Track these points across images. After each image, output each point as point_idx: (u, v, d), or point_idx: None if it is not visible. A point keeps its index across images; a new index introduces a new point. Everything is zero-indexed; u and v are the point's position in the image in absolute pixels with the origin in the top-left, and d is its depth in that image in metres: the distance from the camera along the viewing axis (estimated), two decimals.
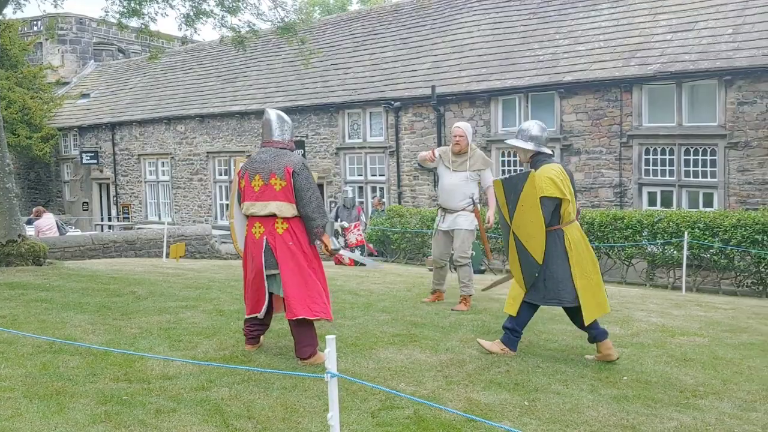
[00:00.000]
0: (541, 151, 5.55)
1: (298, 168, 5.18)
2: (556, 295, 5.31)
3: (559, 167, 5.45)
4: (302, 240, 5.27)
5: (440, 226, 7.51)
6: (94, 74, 32.94)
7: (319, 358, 5.21)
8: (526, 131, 5.62)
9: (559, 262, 5.29)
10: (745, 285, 12.63)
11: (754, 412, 4.45)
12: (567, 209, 5.33)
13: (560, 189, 5.26)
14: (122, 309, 7.02)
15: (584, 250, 5.38)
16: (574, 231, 5.39)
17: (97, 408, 4.22)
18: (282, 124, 5.43)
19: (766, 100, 13.75)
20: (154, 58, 14.63)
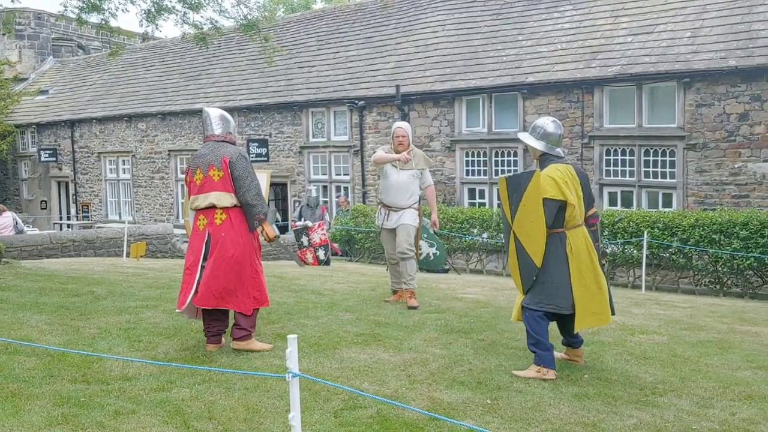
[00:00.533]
0: (550, 152, 5.29)
1: (234, 158, 5.40)
2: (552, 300, 5.07)
3: (566, 168, 5.21)
4: (239, 230, 5.41)
5: (386, 225, 7.59)
6: (52, 70, 32.35)
7: (251, 344, 5.50)
8: (539, 128, 5.34)
9: (558, 267, 5.08)
10: (703, 284, 12.86)
11: (711, 409, 4.52)
12: (572, 213, 5.10)
13: (562, 191, 5.04)
14: (81, 309, 6.90)
15: (586, 257, 5.13)
16: (578, 236, 5.16)
17: (54, 410, 4.14)
18: (221, 120, 5.65)
19: (723, 102, 14.02)
20: (114, 55, 14.39)
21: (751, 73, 13.59)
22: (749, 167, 13.77)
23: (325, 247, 13.75)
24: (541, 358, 5.08)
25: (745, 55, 13.72)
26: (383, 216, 7.63)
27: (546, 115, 7.16)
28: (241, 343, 5.48)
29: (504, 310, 7.64)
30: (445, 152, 17.88)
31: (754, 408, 4.55)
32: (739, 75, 13.73)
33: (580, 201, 5.20)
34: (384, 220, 7.60)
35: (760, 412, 4.46)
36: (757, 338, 6.62)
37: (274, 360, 5.27)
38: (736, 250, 11.92)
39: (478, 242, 15.51)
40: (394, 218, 7.50)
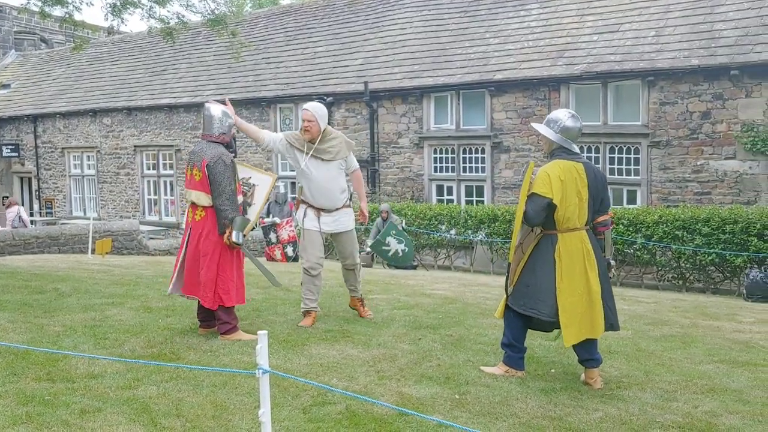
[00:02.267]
0: (563, 145, 4.89)
1: (212, 162, 5.57)
2: (534, 304, 4.80)
3: (569, 165, 4.80)
4: (215, 229, 5.65)
5: (312, 226, 6.29)
6: (14, 64, 31.73)
7: (239, 334, 5.74)
8: (557, 121, 4.92)
9: (545, 270, 4.79)
10: (666, 279, 13.08)
11: (675, 402, 4.61)
12: (564, 215, 4.75)
13: (552, 189, 4.69)
14: (44, 306, 6.80)
15: (579, 264, 4.77)
16: (573, 241, 4.79)
17: (18, 409, 4.08)
18: (210, 120, 5.81)
19: (686, 100, 14.24)
20: (78, 49, 14.17)
21: (713, 72, 13.83)
22: (711, 165, 14.02)
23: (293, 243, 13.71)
24: (511, 360, 5.01)
25: (707, 55, 13.96)
26: (311, 218, 6.30)
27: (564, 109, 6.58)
28: (227, 336, 5.72)
29: (472, 306, 7.70)
30: (413, 149, 17.93)
31: (716, 401, 4.64)
32: (701, 74, 13.96)
33: (581, 203, 4.80)
34: (310, 221, 6.29)
35: (721, 405, 4.56)
36: (719, 332, 6.75)
37: (243, 357, 5.25)
38: (699, 246, 12.14)
39: (446, 239, 15.59)
40: (327, 220, 6.31)
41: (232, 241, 5.59)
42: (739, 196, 13.73)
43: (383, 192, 18.39)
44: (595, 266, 4.81)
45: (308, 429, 3.95)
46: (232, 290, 5.71)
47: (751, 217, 11.88)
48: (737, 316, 7.76)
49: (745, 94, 13.63)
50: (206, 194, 5.62)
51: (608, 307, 4.88)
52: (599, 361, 4.95)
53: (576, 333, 4.77)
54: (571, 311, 4.74)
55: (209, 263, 5.63)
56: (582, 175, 4.81)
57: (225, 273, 5.69)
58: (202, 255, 5.64)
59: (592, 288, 4.77)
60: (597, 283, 4.79)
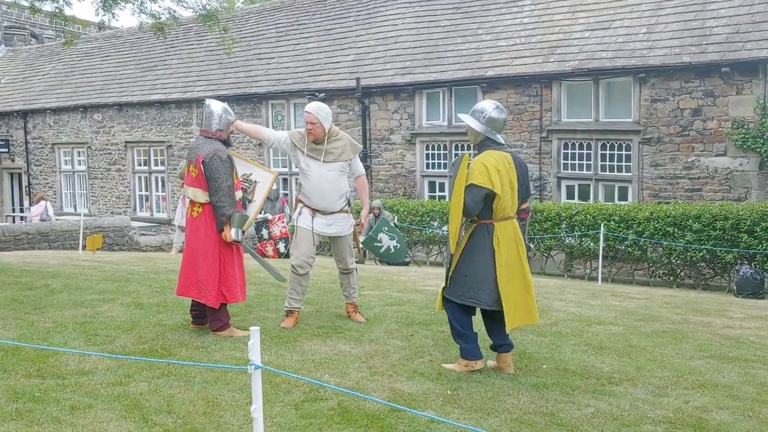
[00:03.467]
0: (492, 137, 4.99)
1: (208, 158, 5.52)
2: (475, 294, 4.85)
3: (501, 156, 4.91)
4: (213, 225, 5.61)
5: (307, 225, 6.11)
6: (4, 59, 31.55)
7: (231, 331, 5.73)
8: (482, 111, 5.02)
9: (484, 259, 4.85)
10: (657, 275, 13.13)
11: (665, 397, 4.62)
12: (501, 204, 4.83)
13: (491, 179, 4.76)
14: (35, 303, 6.77)
15: (514, 251, 4.89)
16: (507, 229, 4.89)
17: (8, 405, 4.06)
18: (210, 116, 5.76)
19: (677, 97, 14.28)
20: (69, 44, 14.09)
21: (704, 69, 13.87)
22: (702, 161, 14.07)
23: (285, 239, 13.69)
24: (467, 351, 5.01)
25: (698, 52, 14.00)
26: (306, 218, 6.14)
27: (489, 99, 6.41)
28: (220, 333, 5.70)
29: None
30: (405, 145, 17.92)
31: (707, 396, 4.66)
32: (692, 71, 14.00)
33: (513, 192, 4.91)
34: (304, 219, 6.15)
35: (712, 400, 4.58)
36: (710, 328, 6.77)
37: (234, 353, 5.24)
38: (689, 243, 12.19)
39: (438, 235, 15.59)
40: (321, 222, 6.13)
41: (227, 238, 5.56)
42: (729, 192, 13.79)
43: (375, 188, 18.38)
44: (525, 253, 4.97)
45: (300, 425, 3.95)
46: (235, 288, 5.68)
47: (742, 213, 11.93)
48: (728, 312, 7.79)
49: (736, 91, 13.67)
50: (203, 191, 5.58)
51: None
52: (512, 345, 5.10)
53: (516, 319, 4.89)
54: (512, 298, 4.85)
55: (210, 261, 5.57)
56: (511, 164, 4.94)
57: (227, 271, 5.65)
58: (202, 252, 5.58)
59: (527, 275, 4.93)
60: (529, 269, 4.97)
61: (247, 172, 6.00)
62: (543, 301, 7.88)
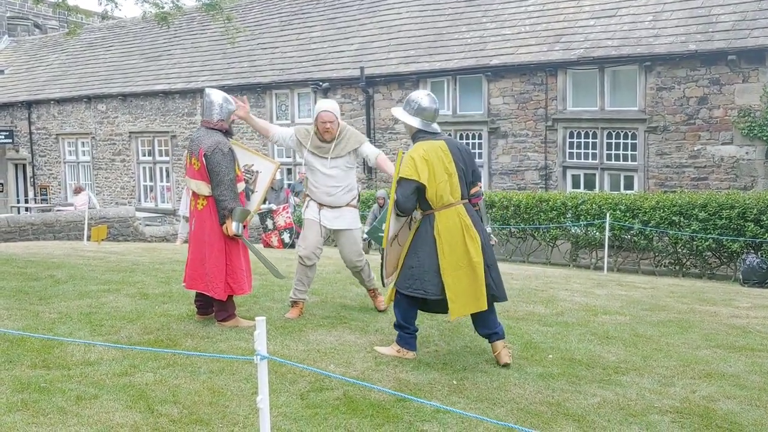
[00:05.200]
0: (426, 128, 4.97)
1: (209, 151, 5.45)
2: (421, 285, 4.83)
3: (431, 145, 4.86)
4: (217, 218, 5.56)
5: (315, 217, 6.10)
6: (8, 50, 31.53)
7: (237, 321, 5.70)
8: (413, 102, 5.00)
9: (427, 250, 4.83)
10: (663, 265, 13.09)
11: (672, 387, 4.61)
12: (436, 193, 4.78)
13: (418, 171, 4.74)
14: (40, 293, 6.77)
15: (458, 238, 4.79)
16: (450, 216, 4.82)
17: (14, 396, 4.06)
18: (211, 106, 5.66)
19: (683, 85, 14.20)
20: (72, 34, 14.09)
21: (710, 57, 13.78)
22: (708, 150, 14.00)
23: (289, 230, 13.69)
24: (403, 340, 5.02)
25: (704, 39, 13.91)
26: (314, 210, 6.12)
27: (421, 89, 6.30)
28: (225, 323, 5.69)
29: None
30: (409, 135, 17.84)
31: (714, 386, 4.64)
32: (698, 59, 13.92)
33: (451, 178, 4.83)
34: (311, 211, 6.13)
35: (719, 390, 4.56)
36: (716, 318, 6.75)
37: (240, 343, 5.24)
38: (695, 232, 12.14)
39: None
40: (328, 215, 6.10)
41: (231, 232, 5.51)
42: (735, 181, 13.72)
43: (380, 178, 18.34)
44: (477, 239, 4.84)
45: (306, 415, 3.94)
46: (243, 279, 5.65)
47: (748, 202, 11.87)
48: (734, 302, 7.77)
49: (743, 79, 13.59)
50: (206, 183, 5.52)
51: (492, 278, 4.88)
52: (501, 334, 4.96)
53: (461, 307, 4.80)
54: (455, 286, 4.77)
55: (217, 254, 5.52)
56: (446, 151, 4.88)
57: (234, 262, 5.60)
58: (208, 245, 5.53)
59: (474, 261, 4.78)
60: (479, 255, 4.81)
61: (249, 162, 5.92)
62: (548, 291, 7.86)
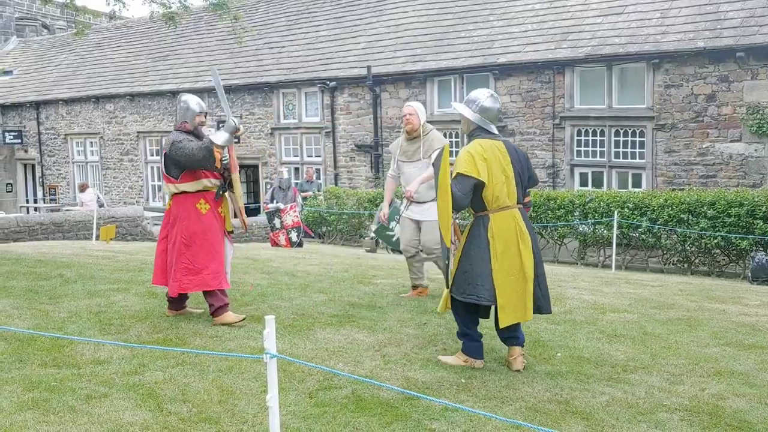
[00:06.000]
0: (485, 126, 4.85)
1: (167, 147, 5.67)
2: (473, 290, 4.66)
3: (491, 144, 4.75)
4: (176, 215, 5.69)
5: (405, 213, 6.90)
6: (16, 50, 31.65)
7: (226, 317, 5.68)
8: (475, 101, 4.87)
9: (480, 254, 4.66)
10: (672, 263, 13.04)
11: (681, 385, 4.60)
12: (494, 193, 4.66)
13: (477, 168, 4.59)
14: (50, 293, 6.80)
15: (513, 243, 4.67)
16: (505, 219, 4.70)
17: (24, 395, 4.08)
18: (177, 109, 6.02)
19: (691, 83, 14.15)
20: (80, 34, 14.14)
21: (718, 55, 13.73)
22: (716, 147, 13.95)
23: (297, 228, 13.69)
24: (469, 348, 4.86)
25: (713, 36, 13.86)
26: (404, 205, 6.94)
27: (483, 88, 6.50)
28: (215, 318, 5.73)
29: None
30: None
31: (723, 384, 4.63)
32: (707, 56, 13.87)
33: (508, 180, 4.72)
34: (404, 209, 6.93)
35: (728, 388, 4.55)
36: (725, 316, 6.72)
37: (249, 341, 5.25)
38: (704, 230, 12.10)
39: None
40: (416, 210, 6.80)
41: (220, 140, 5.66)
42: (744, 178, 13.67)
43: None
44: (530, 245, 4.72)
45: (315, 413, 3.95)
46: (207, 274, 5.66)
47: (757, 200, 11.82)
48: (743, 299, 7.73)
49: (751, 76, 13.54)
50: (167, 183, 5.76)
51: (540, 288, 4.78)
52: (521, 340, 4.88)
53: (509, 315, 4.66)
54: (507, 292, 4.63)
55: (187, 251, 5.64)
56: (504, 152, 4.76)
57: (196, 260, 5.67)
58: (171, 242, 5.71)
59: (526, 268, 4.66)
60: (531, 263, 4.69)
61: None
62: (556, 289, 7.84)
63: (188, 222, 5.66)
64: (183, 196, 5.72)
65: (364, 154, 18.88)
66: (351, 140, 19.06)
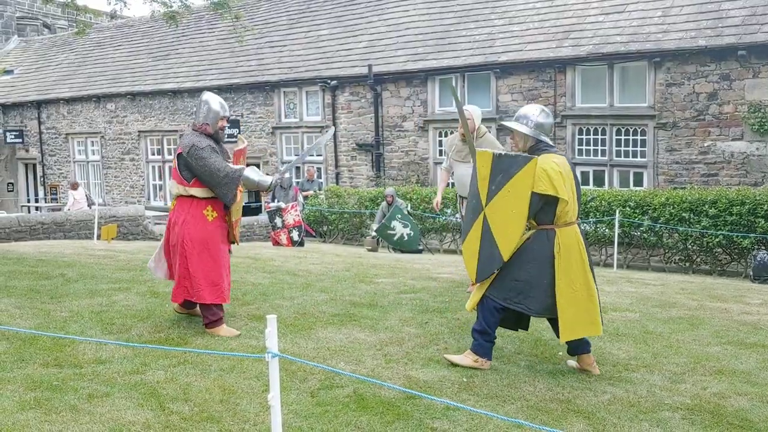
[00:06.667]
0: (541, 139, 4.79)
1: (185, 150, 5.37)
2: (523, 300, 4.61)
3: (563, 160, 4.72)
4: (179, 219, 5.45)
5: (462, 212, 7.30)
6: (17, 50, 31.66)
7: (219, 330, 5.44)
8: (527, 117, 4.81)
9: (541, 267, 4.61)
10: (673, 261, 13.04)
11: (682, 384, 4.60)
12: (564, 209, 4.62)
13: (554, 186, 4.52)
14: (51, 292, 6.80)
15: (577, 259, 4.64)
16: (570, 235, 4.66)
17: (26, 394, 4.09)
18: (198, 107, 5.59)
19: (693, 81, 14.14)
20: (81, 34, 14.12)
21: (720, 53, 13.72)
22: (718, 146, 13.94)
23: (298, 228, 13.70)
24: (481, 348, 4.78)
25: (714, 35, 13.84)
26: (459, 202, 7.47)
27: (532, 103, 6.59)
28: (207, 329, 5.50)
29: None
30: (418, 132, 17.86)
31: (725, 382, 4.63)
32: (708, 54, 13.85)
33: (573, 196, 4.71)
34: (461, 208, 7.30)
35: (730, 387, 4.54)
36: (727, 314, 6.72)
37: (250, 341, 5.25)
38: (706, 228, 12.09)
39: (452, 222, 15.56)
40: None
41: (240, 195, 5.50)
42: (746, 177, 13.66)
43: (388, 176, 18.35)
44: (587, 261, 4.70)
45: (316, 412, 3.95)
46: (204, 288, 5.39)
47: (759, 198, 11.81)
48: (744, 298, 7.73)
49: (753, 74, 13.52)
50: (176, 183, 5.46)
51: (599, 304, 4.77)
52: (589, 345, 4.86)
53: (573, 330, 4.62)
54: (569, 307, 4.58)
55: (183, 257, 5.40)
56: (569, 168, 4.75)
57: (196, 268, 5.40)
58: (171, 245, 5.53)
59: (590, 282, 4.65)
60: (593, 278, 4.69)
61: None
62: None
63: (193, 228, 5.39)
64: (190, 200, 5.45)
65: (365, 153, 18.87)
66: (352, 139, 19.06)
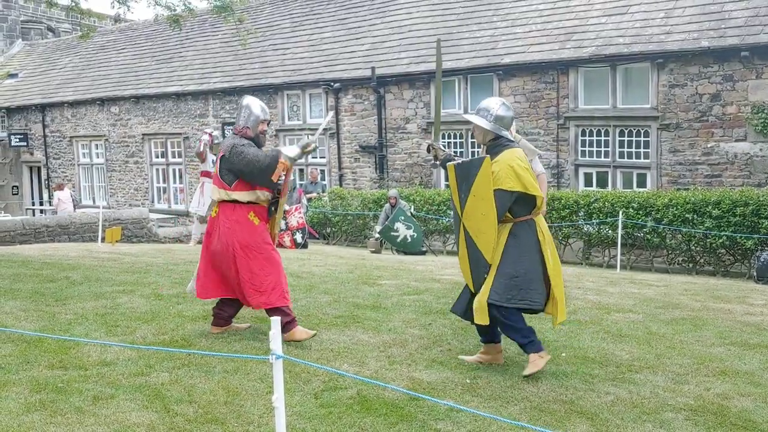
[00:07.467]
0: (502, 134, 4.78)
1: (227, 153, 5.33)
2: (526, 295, 4.56)
3: (521, 153, 4.78)
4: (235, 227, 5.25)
5: None
6: (21, 53, 31.76)
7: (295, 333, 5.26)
8: (487, 109, 4.79)
9: (531, 258, 4.60)
10: (676, 262, 13.03)
11: (686, 385, 4.60)
12: (541, 202, 4.71)
13: (522, 183, 4.54)
14: (56, 295, 6.83)
15: (551, 246, 4.73)
16: (544, 222, 4.78)
17: (32, 396, 4.11)
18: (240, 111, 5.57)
19: (696, 82, 14.13)
20: (85, 37, 14.17)
21: (723, 54, 13.71)
22: (721, 147, 13.92)
23: (302, 230, 13.73)
24: (531, 344, 4.64)
25: (717, 36, 13.83)
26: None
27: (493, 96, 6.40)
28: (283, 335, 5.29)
29: None
30: (421, 134, 17.87)
31: (728, 383, 4.63)
32: (711, 55, 13.84)
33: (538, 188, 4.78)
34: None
35: (733, 387, 4.55)
36: (730, 315, 6.72)
37: (254, 342, 5.27)
38: (709, 229, 12.08)
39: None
40: None
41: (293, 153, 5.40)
42: (749, 178, 13.64)
43: (391, 178, 18.36)
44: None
45: (320, 414, 3.97)
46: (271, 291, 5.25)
47: (762, 199, 11.80)
48: (748, 299, 7.73)
49: (756, 75, 13.51)
50: (218, 188, 5.33)
51: None
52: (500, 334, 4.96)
53: (564, 311, 4.79)
54: (560, 292, 4.72)
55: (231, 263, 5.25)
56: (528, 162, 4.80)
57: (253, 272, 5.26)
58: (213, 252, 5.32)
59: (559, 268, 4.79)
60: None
61: None
62: None
63: (241, 234, 5.23)
64: (233, 206, 5.28)
65: (369, 155, 18.89)
66: (355, 141, 19.07)
